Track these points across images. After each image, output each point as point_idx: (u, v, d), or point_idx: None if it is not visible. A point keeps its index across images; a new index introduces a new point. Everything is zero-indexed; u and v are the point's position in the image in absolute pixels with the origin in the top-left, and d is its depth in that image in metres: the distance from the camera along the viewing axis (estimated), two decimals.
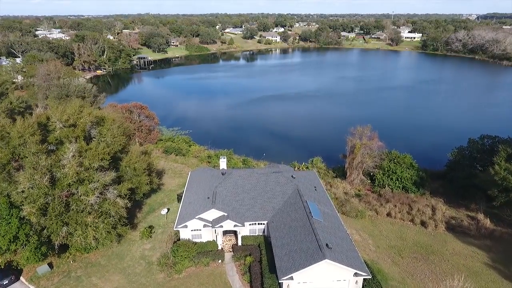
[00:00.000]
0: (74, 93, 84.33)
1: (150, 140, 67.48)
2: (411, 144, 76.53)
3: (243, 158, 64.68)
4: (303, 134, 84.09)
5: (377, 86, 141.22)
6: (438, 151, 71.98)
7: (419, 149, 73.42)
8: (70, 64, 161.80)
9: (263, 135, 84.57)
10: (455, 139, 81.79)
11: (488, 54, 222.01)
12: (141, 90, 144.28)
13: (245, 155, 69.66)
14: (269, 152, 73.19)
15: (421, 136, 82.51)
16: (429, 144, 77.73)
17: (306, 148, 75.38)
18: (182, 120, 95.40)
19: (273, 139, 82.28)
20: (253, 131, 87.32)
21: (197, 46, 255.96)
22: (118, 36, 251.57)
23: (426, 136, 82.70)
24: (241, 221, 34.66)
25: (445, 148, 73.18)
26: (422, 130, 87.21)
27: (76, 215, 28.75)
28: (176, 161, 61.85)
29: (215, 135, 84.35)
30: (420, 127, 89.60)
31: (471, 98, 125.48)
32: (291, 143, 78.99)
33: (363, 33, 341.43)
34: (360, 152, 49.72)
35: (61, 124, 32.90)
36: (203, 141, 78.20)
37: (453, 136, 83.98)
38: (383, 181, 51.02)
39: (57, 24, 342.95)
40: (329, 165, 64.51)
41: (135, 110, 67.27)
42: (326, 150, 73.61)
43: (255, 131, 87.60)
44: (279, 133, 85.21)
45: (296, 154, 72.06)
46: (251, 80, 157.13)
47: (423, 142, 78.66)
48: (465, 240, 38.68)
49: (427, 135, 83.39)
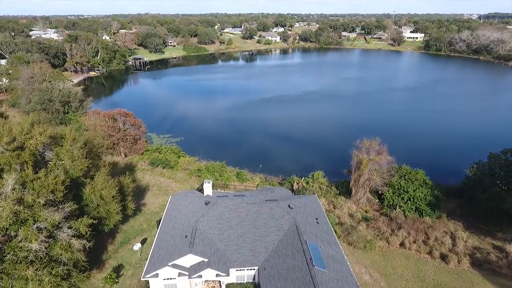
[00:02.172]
0: (57, 98, 78.57)
1: (135, 151, 61.65)
2: (420, 153, 70.68)
3: (237, 171, 58.81)
4: (304, 142, 78.17)
5: (381, 87, 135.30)
6: (452, 162, 66.10)
7: (429, 159, 67.55)
8: (62, 66, 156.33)
9: (260, 142, 78.65)
10: (469, 146, 75.80)
11: (493, 55, 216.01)
12: (134, 92, 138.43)
13: (239, 167, 63.79)
14: (266, 162, 67.34)
15: (431, 145, 76.45)
16: (441, 153, 71.75)
17: (307, 158, 69.56)
18: (174, 125, 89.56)
19: (271, 146, 76.36)
20: (249, 138, 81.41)
21: (195, 47, 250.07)
22: (114, 36, 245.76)
23: (436, 145, 76.61)
24: (226, 269, 28.38)
25: (459, 158, 67.30)
26: (431, 137, 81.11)
27: (13, 266, 22.65)
28: (162, 175, 55.99)
29: (208, 142, 78.50)
30: (429, 133, 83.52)
31: (485, 102, 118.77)
32: (290, 152, 73.06)
33: (364, 33, 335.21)
34: (367, 169, 43.88)
35: (2, 148, 26.84)
36: (195, 150, 72.27)
37: (467, 143, 78.06)
38: (393, 200, 45.16)
39: (53, 24, 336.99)
40: (332, 178, 58.60)
41: (120, 118, 61.41)
42: (328, 160, 67.80)
43: (252, 137, 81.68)
44: (278, 140, 79.27)
45: (296, 165, 66.29)
46: (249, 82, 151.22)
47: (434, 151, 72.66)
48: (495, 281, 32.68)
49: (437, 143, 77.29)
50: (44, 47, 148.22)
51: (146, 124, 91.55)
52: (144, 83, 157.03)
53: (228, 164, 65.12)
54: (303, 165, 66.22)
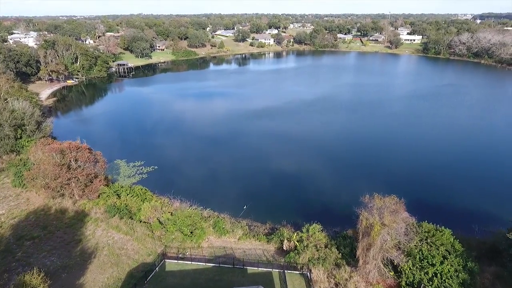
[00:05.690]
0: (7, 122, 66.63)
1: (89, 194, 49.98)
2: (430, 188, 59.91)
3: (214, 220, 47.51)
4: (297, 172, 66.96)
5: (383, 97, 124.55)
6: (475, 201, 55.19)
7: (443, 197, 56.82)
8: (35, 75, 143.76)
9: (247, 174, 67.36)
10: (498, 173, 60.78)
11: (495, 59, 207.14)
12: (111, 104, 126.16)
13: (219, 210, 52.67)
14: (253, 200, 56.22)
15: (447, 175, 65.64)
16: (459, 188, 60.99)
17: (300, 196, 58.39)
18: (150, 148, 77.92)
19: (259, 179, 65.11)
20: (234, 167, 69.97)
21: (185, 51, 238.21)
22: (99, 40, 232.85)
23: (453, 176, 65.82)
24: None
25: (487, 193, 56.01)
26: (448, 163, 70.28)
27: None
28: (119, 229, 44.47)
29: (186, 173, 67.12)
30: (443, 158, 72.76)
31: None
32: (280, 187, 61.78)
33: (360, 35, 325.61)
34: (379, 236, 32.90)
35: None
36: (169, 183, 60.95)
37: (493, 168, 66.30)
38: (414, 276, 34.20)
39: (36, 26, 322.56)
40: (332, 223, 47.93)
41: (70, 153, 49.73)
42: (325, 201, 56.70)
43: (238, 166, 70.29)
44: (267, 171, 67.94)
45: (287, 206, 55.19)
46: (241, 91, 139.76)
47: (451, 186, 61.88)
48: None
49: (454, 173, 66.51)
50: (15, 54, 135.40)
51: (116, 146, 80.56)
52: (126, 93, 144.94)
53: (206, 204, 54.13)
54: (296, 203, 55.15)
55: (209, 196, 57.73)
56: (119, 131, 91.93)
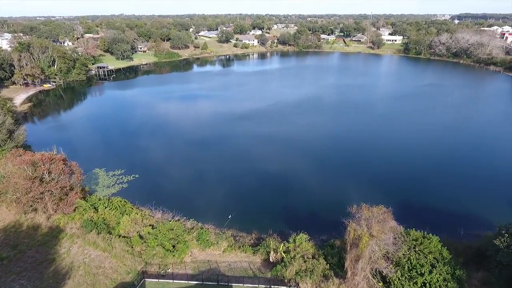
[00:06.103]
0: None
1: (64, 209, 47.13)
2: (415, 191, 59.97)
3: (198, 231, 45.63)
4: (282, 178, 65.83)
5: (366, 98, 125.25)
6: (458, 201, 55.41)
7: (428, 200, 56.90)
8: (9, 79, 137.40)
9: (231, 180, 65.68)
10: (487, 169, 60.69)
11: (473, 58, 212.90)
12: (89, 108, 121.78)
13: (203, 220, 50.91)
14: (238, 207, 54.75)
15: (431, 175, 65.95)
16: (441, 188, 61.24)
17: (286, 203, 57.26)
18: (131, 155, 75.13)
19: (245, 185, 63.65)
20: (220, 173, 68.16)
21: (167, 52, 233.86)
22: (77, 42, 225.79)
23: (437, 177, 66.16)
24: None
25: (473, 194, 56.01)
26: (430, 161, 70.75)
27: None
28: (96, 246, 41.98)
29: (169, 181, 64.85)
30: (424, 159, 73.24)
31: (490, 115, 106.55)
32: (266, 194, 60.47)
33: (343, 36, 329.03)
34: (368, 248, 31.98)
35: None
36: (151, 193, 58.65)
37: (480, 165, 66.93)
38: (403, 287, 33.48)
39: (11, 27, 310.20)
40: (320, 231, 46.94)
41: (43, 165, 46.78)
42: (312, 207, 55.71)
43: (221, 172, 68.53)
44: (252, 176, 66.53)
45: (272, 214, 53.92)
46: (225, 93, 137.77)
47: (432, 187, 62.11)
48: None
49: (439, 174, 66.90)
50: None
51: (96, 154, 77.16)
52: (106, 97, 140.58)
53: (190, 214, 52.26)
54: (283, 210, 53.93)
55: (193, 205, 55.84)
56: (99, 137, 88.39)
